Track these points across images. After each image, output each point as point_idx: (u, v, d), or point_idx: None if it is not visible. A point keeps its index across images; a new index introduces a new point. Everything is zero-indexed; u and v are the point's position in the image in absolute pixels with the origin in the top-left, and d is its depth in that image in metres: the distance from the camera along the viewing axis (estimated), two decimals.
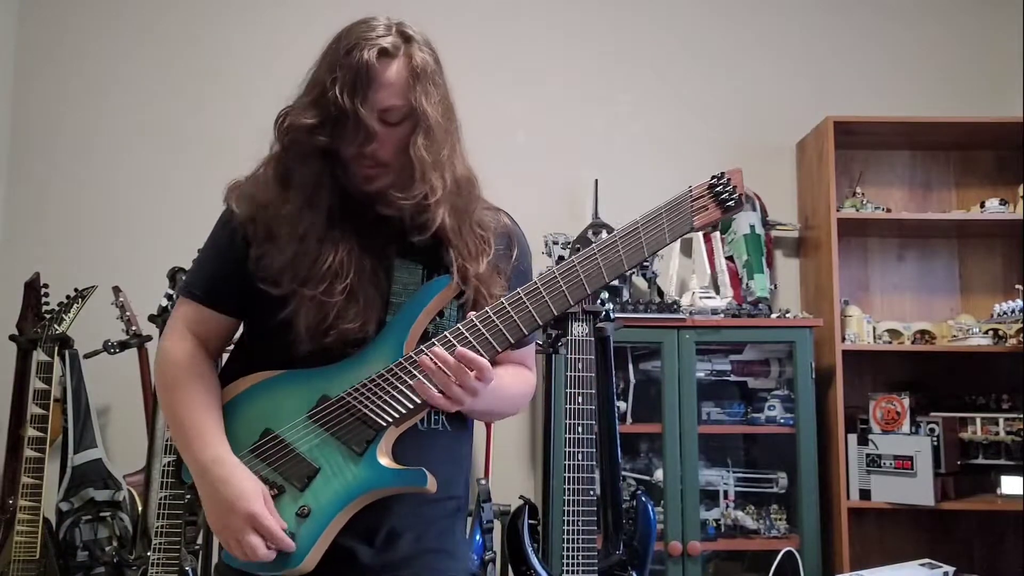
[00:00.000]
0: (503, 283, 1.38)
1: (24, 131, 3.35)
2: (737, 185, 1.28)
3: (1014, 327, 3.04)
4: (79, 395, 2.89)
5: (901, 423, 2.99)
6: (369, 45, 1.29)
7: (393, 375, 1.28)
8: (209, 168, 3.27)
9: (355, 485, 1.27)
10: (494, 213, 1.45)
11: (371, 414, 1.28)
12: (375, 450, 1.28)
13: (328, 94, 1.27)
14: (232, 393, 1.35)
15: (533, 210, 3.24)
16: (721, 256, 3.21)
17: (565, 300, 1.27)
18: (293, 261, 1.29)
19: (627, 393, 3.04)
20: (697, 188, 1.29)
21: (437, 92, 1.34)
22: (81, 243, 3.27)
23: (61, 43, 3.39)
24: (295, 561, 1.25)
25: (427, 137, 1.32)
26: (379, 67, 1.28)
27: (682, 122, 3.43)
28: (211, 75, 3.38)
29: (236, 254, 1.35)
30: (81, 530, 2.77)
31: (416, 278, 1.36)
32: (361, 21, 1.35)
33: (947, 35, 3.50)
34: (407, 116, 1.31)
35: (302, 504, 1.27)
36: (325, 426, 1.29)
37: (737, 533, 3.00)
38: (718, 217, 1.29)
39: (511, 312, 1.27)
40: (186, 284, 1.44)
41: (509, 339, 1.28)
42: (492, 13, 3.45)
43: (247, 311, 1.40)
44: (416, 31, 1.36)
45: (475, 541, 2.67)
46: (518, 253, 1.45)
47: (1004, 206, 3.16)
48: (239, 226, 1.35)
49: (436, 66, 1.35)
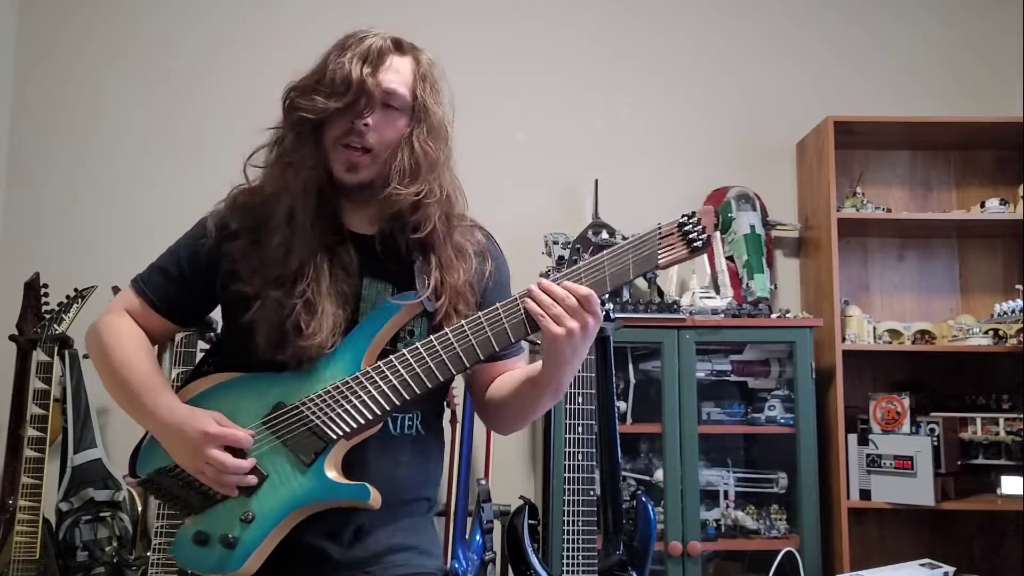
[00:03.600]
0: (472, 302, 1.38)
1: (24, 131, 3.34)
2: (707, 226, 1.26)
3: (1014, 327, 3.04)
4: (79, 395, 2.89)
5: (901, 423, 2.99)
6: (381, 38, 1.34)
7: (348, 388, 1.29)
8: (208, 168, 3.28)
9: (300, 495, 1.28)
10: (471, 231, 1.45)
11: (323, 426, 1.28)
12: (323, 462, 1.28)
13: (334, 63, 1.31)
14: (191, 393, 1.36)
15: (533, 210, 3.27)
16: (721, 256, 3.21)
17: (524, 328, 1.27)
18: (264, 260, 1.31)
19: (627, 393, 3.04)
20: (667, 226, 1.28)
21: (440, 100, 1.37)
22: (80, 243, 3.26)
23: (61, 44, 3.39)
24: (235, 564, 1.27)
25: (429, 134, 1.35)
26: (391, 54, 1.34)
27: (682, 122, 3.43)
28: (210, 76, 3.37)
29: (199, 273, 1.38)
30: (81, 530, 2.77)
31: (385, 297, 1.36)
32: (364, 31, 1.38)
33: (947, 35, 3.50)
34: (408, 110, 1.34)
35: (246, 510, 1.29)
36: (277, 434, 1.30)
37: (737, 533, 2.99)
38: (685, 257, 1.27)
39: (486, 327, 1.27)
40: (143, 284, 1.42)
41: (479, 354, 1.28)
42: (492, 13, 3.45)
43: (193, 323, 1.46)
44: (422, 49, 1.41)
45: (475, 541, 2.67)
46: (493, 268, 1.45)
47: (1004, 206, 3.15)
48: (210, 248, 1.37)
49: (439, 82, 1.39)
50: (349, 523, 1.33)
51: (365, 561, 1.35)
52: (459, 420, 2.84)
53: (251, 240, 1.34)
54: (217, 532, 1.29)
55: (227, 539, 1.28)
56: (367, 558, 1.35)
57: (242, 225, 1.36)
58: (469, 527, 2.75)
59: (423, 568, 1.40)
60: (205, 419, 1.28)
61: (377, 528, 1.36)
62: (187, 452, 1.29)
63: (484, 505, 2.70)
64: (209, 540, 1.29)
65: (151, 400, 1.33)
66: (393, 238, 1.37)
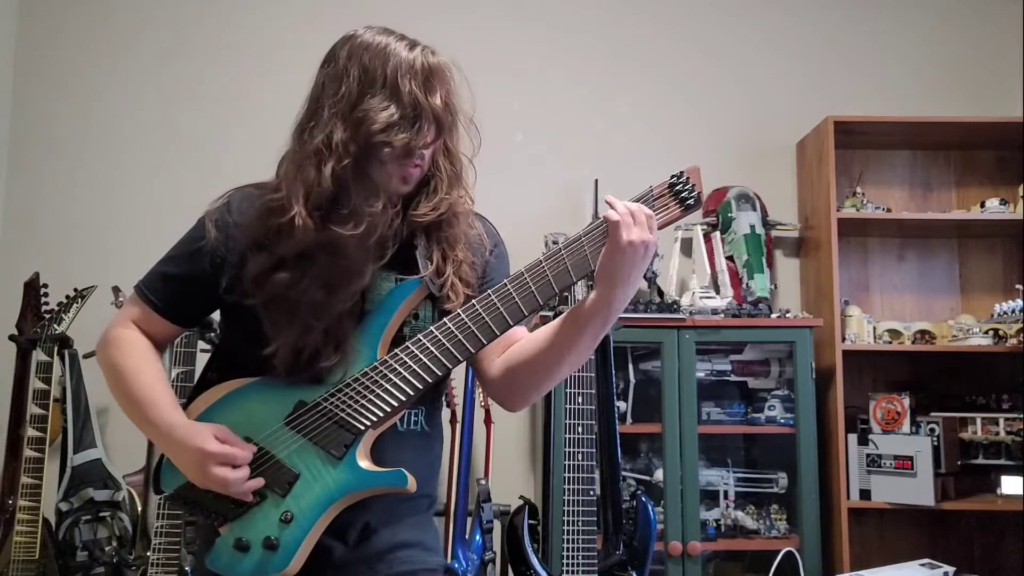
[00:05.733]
0: (474, 282, 1.41)
1: (24, 131, 3.34)
2: (696, 183, 1.31)
3: (1014, 327, 3.04)
4: (79, 395, 2.89)
5: (901, 423, 2.99)
6: (422, 47, 1.34)
7: (369, 379, 1.30)
8: (208, 168, 3.30)
9: (335, 488, 1.29)
10: (467, 213, 1.45)
11: (349, 418, 1.29)
12: (354, 453, 1.29)
13: (404, 90, 1.29)
14: (207, 402, 1.36)
15: (533, 210, 3.27)
16: (721, 256, 3.21)
17: (550, 287, 1.29)
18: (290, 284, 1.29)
19: (627, 393, 3.04)
20: (658, 188, 1.32)
21: (461, 98, 1.39)
22: (80, 243, 3.27)
23: (60, 44, 3.39)
24: (280, 565, 1.27)
25: (458, 136, 1.39)
26: (441, 67, 1.34)
27: (682, 122, 3.43)
28: (209, 75, 3.37)
29: (201, 274, 1.36)
30: (81, 530, 2.77)
31: (390, 284, 1.37)
32: (383, 32, 1.36)
33: (947, 35, 3.51)
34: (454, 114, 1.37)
35: (284, 510, 1.29)
36: (303, 432, 1.31)
37: (737, 533, 2.99)
38: (678, 216, 1.32)
39: (497, 303, 1.29)
40: (146, 290, 1.41)
41: (494, 330, 1.29)
42: (492, 12, 3.45)
43: (198, 323, 1.46)
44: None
45: (475, 541, 2.67)
46: (491, 245, 1.47)
47: (1004, 206, 3.16)
48: (212, 250, 1.35)
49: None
50: (355, 522, 1.33)
51: (371, 559, 1.36)
52: (459, 420, 2.84)
53: (260, 250, 1.32)
54: (258, 536, 1.29)
55: (269, 541, 1.28)
56: (372, 555, 1.36)
57: (248, 230, 1.34)
58: (469, 527, 2.75)
59: (427, 564, 1.40)
60: (204, 437, 1.28)
61: (382, 526, 1.36)
62: (192, 469, 1.29)
63: (484, 505, 2.70)
64: (251, 545, 1.29)
65: (155, 417, 1.33)
66: (396, 219, 1.36)
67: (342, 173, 1.28)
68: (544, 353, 1.36)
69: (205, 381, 1.40)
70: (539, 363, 1.37)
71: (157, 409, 1.33)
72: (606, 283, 1.28)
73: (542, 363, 1.36)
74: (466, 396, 2.83)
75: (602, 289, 1.29)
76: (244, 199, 1.38)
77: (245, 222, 1.34)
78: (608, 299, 1.29)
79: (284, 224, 1.29)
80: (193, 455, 1.27)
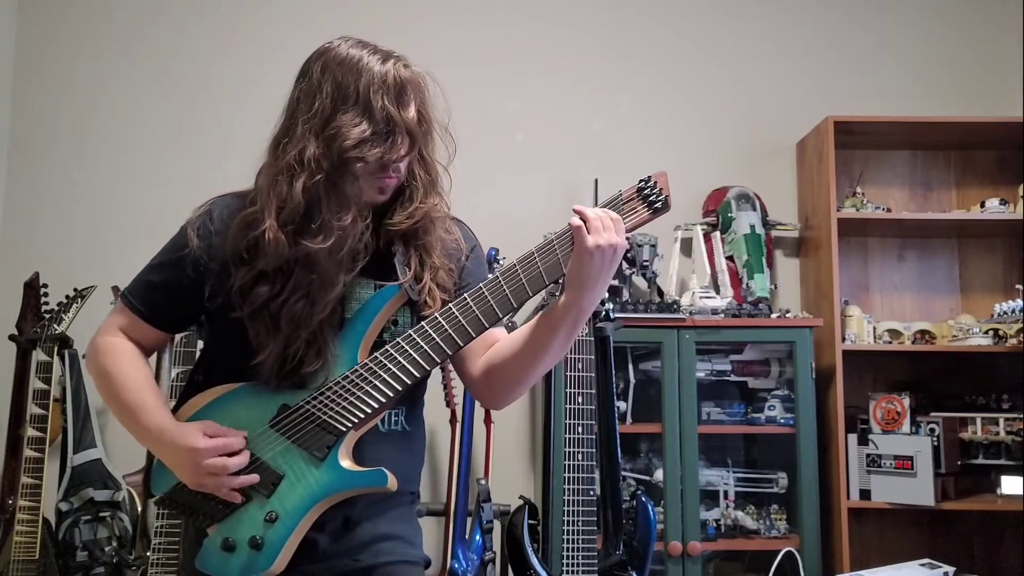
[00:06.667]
0: (451, 286, 1.44)
1: (24, 131, 3.34)
2: (663, 188, 1.36)
3: (1014, 327, 3.04)
4: (79, 395, 2.89)
5: (901, 423, 2.99)
6: (395, 59, 1.36)
7: (349, 382, 1.33)
8: (207, 168, 3.29)
9: (318, 489, 1.33)
10: (443, 218, 1.48)
11: (331, 420, 1.33)
12: (336, 454, 1.33)
13: (376, 105, 1.31)
14: (195, 408, 1.39)
15: (533, 210, 3.27)
16: (721, 256, 3.21)
17: (524, 292, 1.32)
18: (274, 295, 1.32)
19: (627, 393, 3.04)
20: (627, 191, 1.37)
21: (435, 107, 1.41)
22: (80, 243, 3.27)
23: (60, 44, 3.39)
24: (265, 564, 1.31)
25: (433, 144, 1.41)
26: (414, 78, 1.36)
27: (682, 122, 3.43)
28: (208, 75, 3.37)
29: (186, 281, 1.39)
30: (81, 530, 2.77)
31: (369, 291, 1.40)
32: (357, 45, 1.38)
33: (947, 35, 3.50)
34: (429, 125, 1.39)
35: (269, 510, 1.32)
36: (286, 434, 1.34)
37: (737, 533, 2.99)
38: (647, 219, 1.36)
39: (472, 306, 1.32)
40: (131, 297, 1.44)
41: (470, 332, 1.32)
42: (492, 12, 3.45)
43: (185, 328, 1.51)
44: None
45: (475, 541, 2.67)
46: (468, 248, 1.51)
47: (1004, 206, 3.16)
48: (195, 258, 1.37)
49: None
50: (336, 515, 1.37)
51: (353, 549, 1.39)
52: (459, 420, 2.84)
53: (240, 263, 1.34)
54: (244, 536, 1.32)
55: (255, 540, 1.32)
56: (355, 546, 1.39)
57: (228, 241, 1.36)
58: (469, 527, 2.74)
59: (408, 556, 1.44)
60: (193, 435, 1.32)
61: (364, 519, 1.40)
62: (184, 469, 1.33)
63: (484, 505, 2.70)
64: (236, 545, 1.32)
65: (144, 420, 1.37)
66: (367, 230, 1.38)
67: (313, 188, 1.31)
68: (521, 354, 1.40)
69: (194, 384, 1.44)
70: (517, 363, 1.40)
71: (147, 414, 1.37)
72: (575, 286, 1.31)
73: (519, 363, 1.40)
74: (466, 396, 2.83)
75: (571, 293, 1.32)
76: (224, 208, 1.41)
77: (225, 232, 1.37)
78: (578, 302, 1.32)
79: (259, 237, 1.32)
80: (185, 455, 1.31)
